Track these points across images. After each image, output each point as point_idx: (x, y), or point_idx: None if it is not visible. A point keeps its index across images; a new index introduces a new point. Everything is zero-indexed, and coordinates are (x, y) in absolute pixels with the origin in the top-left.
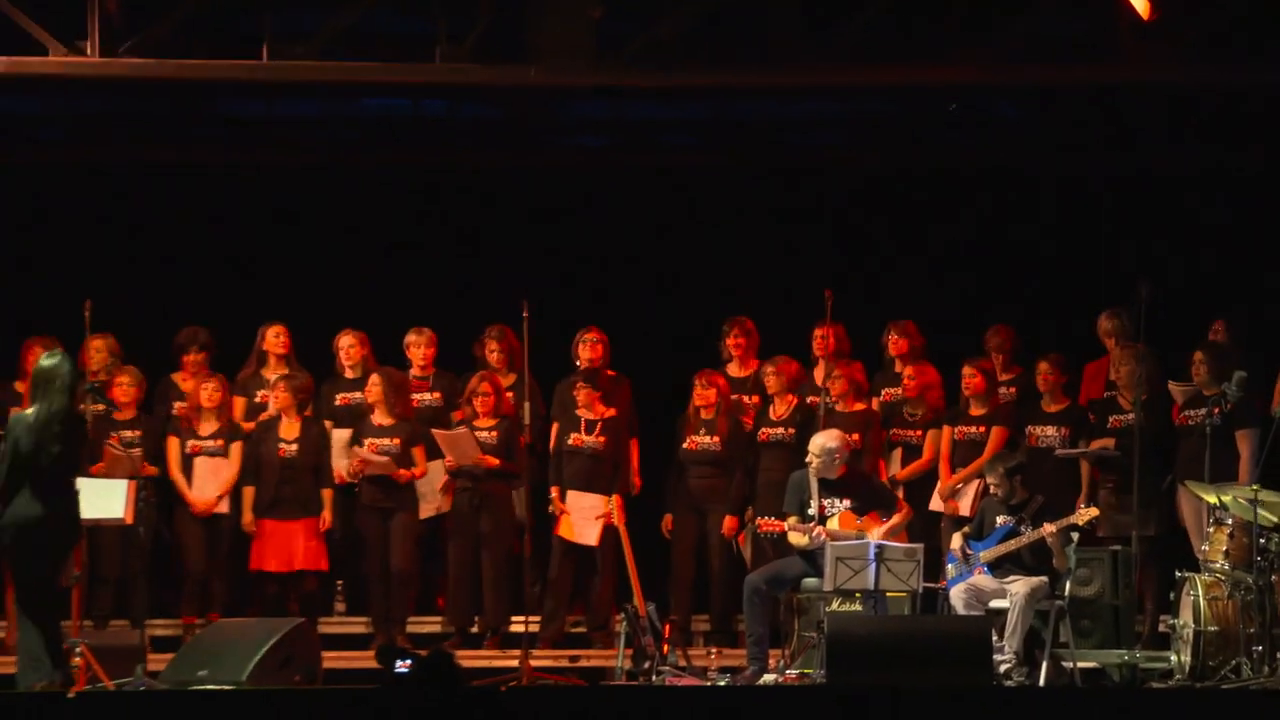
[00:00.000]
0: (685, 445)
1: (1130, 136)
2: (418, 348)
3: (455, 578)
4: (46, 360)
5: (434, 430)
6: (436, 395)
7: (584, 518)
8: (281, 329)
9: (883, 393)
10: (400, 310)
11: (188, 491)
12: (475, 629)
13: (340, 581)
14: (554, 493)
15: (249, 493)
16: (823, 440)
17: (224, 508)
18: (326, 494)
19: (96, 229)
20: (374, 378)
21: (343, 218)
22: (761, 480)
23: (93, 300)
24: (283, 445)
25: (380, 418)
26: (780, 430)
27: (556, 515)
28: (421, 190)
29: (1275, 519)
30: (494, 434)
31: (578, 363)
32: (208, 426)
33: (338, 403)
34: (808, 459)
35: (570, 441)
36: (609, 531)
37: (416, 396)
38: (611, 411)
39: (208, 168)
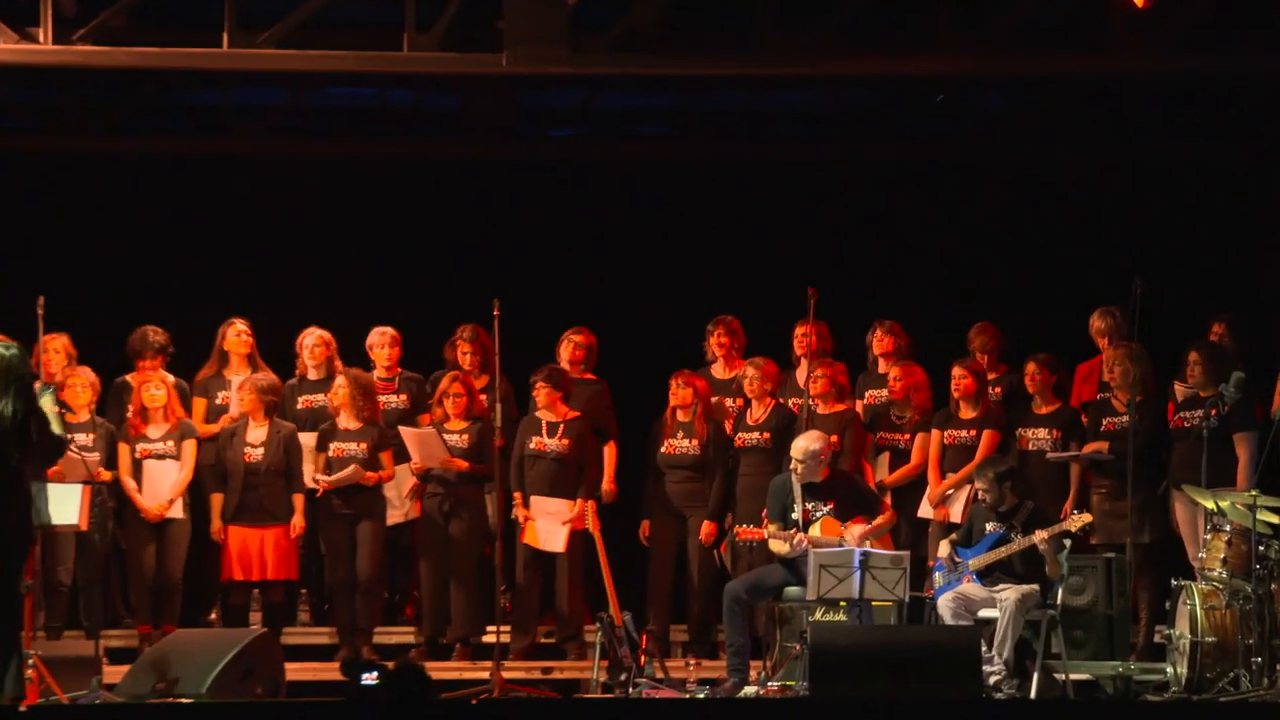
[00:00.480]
0: (663, 449)
1: (1125, 129)
2: (381, 348)
3: (426, 586)
4: (3, 350)
5: (400, 428)
6: (403, 398)
7: (550, 524)
8: (244, 327)
9: (867, 395)
10: (366, 308)
11: (137, 497)
12: (444, 639)
13: (304, 590)
14: (517, 498)
15: (216, 499)
16: (805, 443)
17: (178, 512)
18: (298, 499)
19: (51, 221)
20: (340, 380)
21: (306, 211)
22: (740, 486)
23: (46, 296)
24: (249, 450)
25: (346, 422)
26: (757, 435)
27: (520, 522)
28: (388, 183)
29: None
30: (465, 436)
31: (559, 362)
32: (156, 429)
33: (300, 406)
34: (790, 464)
35: (532, 445)
36: (577, 537)
37: (381, 399)
38: (574, 413)
39: (166, 159)
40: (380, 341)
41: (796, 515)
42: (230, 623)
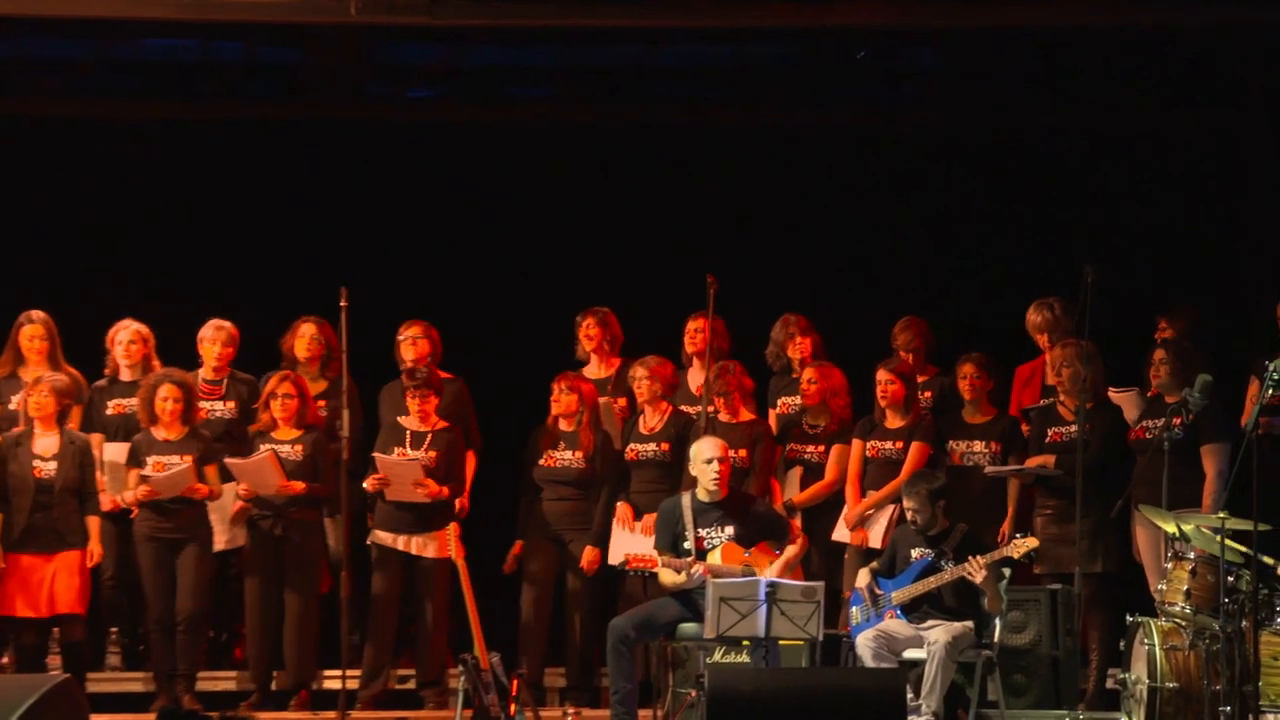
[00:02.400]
0: (541, 462)
1: (1076, 92)
2: (214, 344)
3: (253, 623)
4: None
5: (229, 461)
6: (230, 405)
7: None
8: (42, 320)
9: (779, 401)
10: (187, 297)
11: None
12: (278, 685)
13: (114, 629)
14: (373, 481)
15: None
16: (708, 449)
17: None
18: (93, 522)
19: None
20: (155, 382)
21: (117, 183)
22: (634, 505)
23: None
24: (39, 464)
25: (165, 431)
26: (653, 446)
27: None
28: (215, 150)
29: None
30: (298, 448)
31: (401, 366)
32: None
33: (110, 411)
34: (691, 474)
35: (395, 457)
36: (444, 566)
37: (205, 406)
38: (445, 423)
39: None
40: (215, 337)
41: (689, 544)
42: (24, 668)
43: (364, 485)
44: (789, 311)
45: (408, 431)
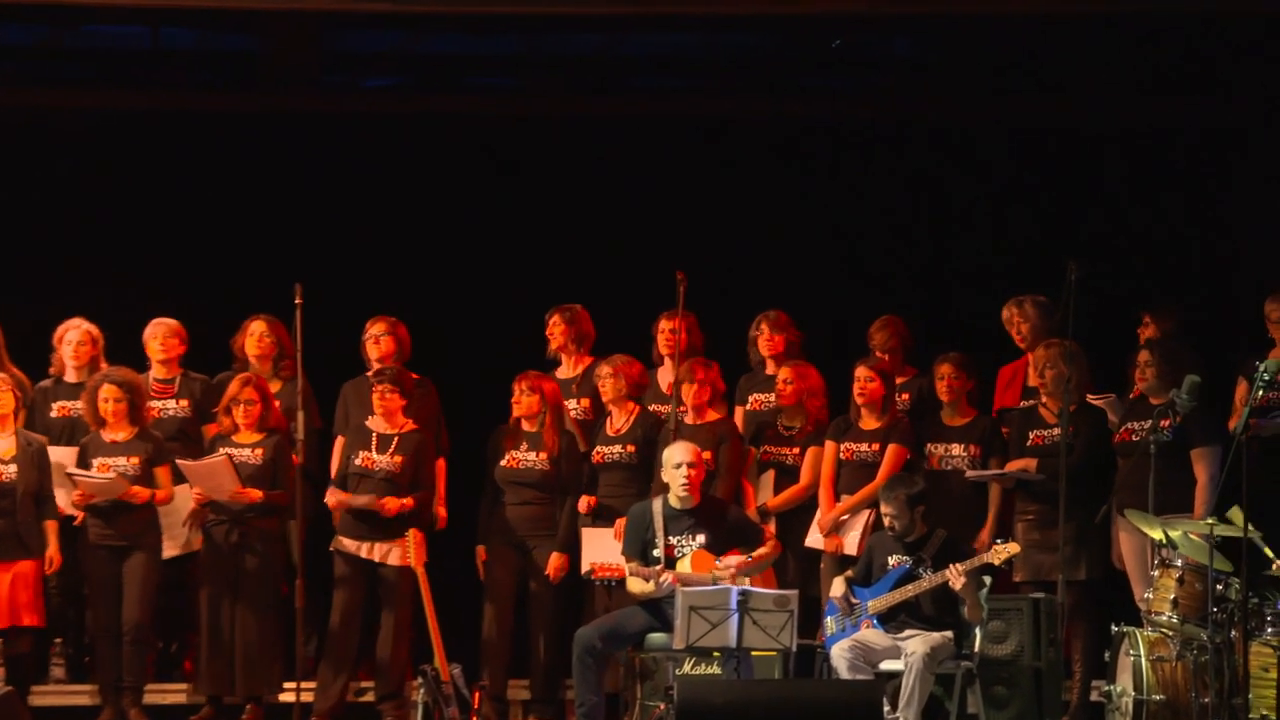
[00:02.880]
0: (503, 464)
1: (1055, 82)
2: (154, 339)
3: (208, 633)
4: None
5: (181, 463)
6: (183, 404)
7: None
8: None
9: (750, 400)
10: (136, 294)
11: None
12: (232, 698)
13: (58, 639)
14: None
15: None
16: (680, 454)
17: None
18: (51, 526)
19: None
20: (100, 381)
21: (64, 174)
22: (600, 510)
23: None
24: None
25: (113, 432)
26: (619, 448)
27: (332, 506)
28: (165, 141)
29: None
30: (259, 453)
31: (367, 365)
32: None
33: (55, 413)
34: (662, 480)
35: (359, 462)
36: (407, 574)
37: (157, 405)
38: (412, 425)
39: None
40: (153, 333)
41: (659, 552)
42: None
43: (325, 502)
44: (770, 308)
45: (374, 434)
